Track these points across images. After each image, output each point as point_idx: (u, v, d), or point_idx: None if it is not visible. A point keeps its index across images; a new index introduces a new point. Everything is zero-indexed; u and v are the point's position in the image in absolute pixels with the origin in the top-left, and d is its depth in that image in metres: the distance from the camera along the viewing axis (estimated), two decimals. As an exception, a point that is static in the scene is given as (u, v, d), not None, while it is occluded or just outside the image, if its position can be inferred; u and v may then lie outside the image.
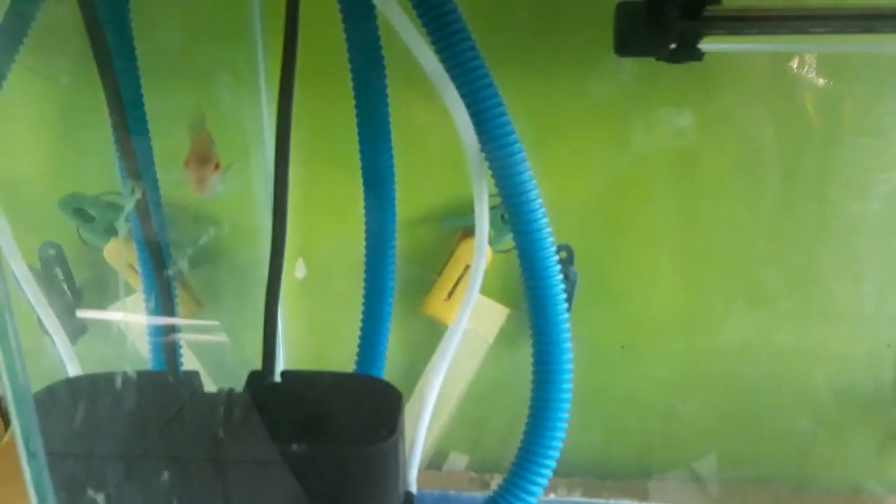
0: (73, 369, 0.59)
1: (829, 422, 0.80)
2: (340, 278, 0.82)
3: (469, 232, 0.81)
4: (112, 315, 0.78)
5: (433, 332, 0.83)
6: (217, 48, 0.72)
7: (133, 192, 0.55)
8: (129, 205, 0.56)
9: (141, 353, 0.76)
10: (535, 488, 0.58)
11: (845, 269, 0.77)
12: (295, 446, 0.50)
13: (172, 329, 0.67)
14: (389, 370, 0.79)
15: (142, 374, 0.55)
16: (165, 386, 0.55)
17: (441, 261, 0.83)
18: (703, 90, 0.74)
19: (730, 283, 0.80)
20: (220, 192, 0.56)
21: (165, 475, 0.49)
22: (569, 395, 0.58)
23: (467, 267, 0.80)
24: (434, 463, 0.88)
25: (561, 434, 0.57)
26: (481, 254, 0.62)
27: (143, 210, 0.62)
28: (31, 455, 0.36)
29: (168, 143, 0.67)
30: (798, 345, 0.79)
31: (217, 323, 0.85)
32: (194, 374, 0.55)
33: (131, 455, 0.50)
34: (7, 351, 0.35)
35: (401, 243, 0.82)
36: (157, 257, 0.67)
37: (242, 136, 0.73)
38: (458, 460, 0.88)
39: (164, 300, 0.67)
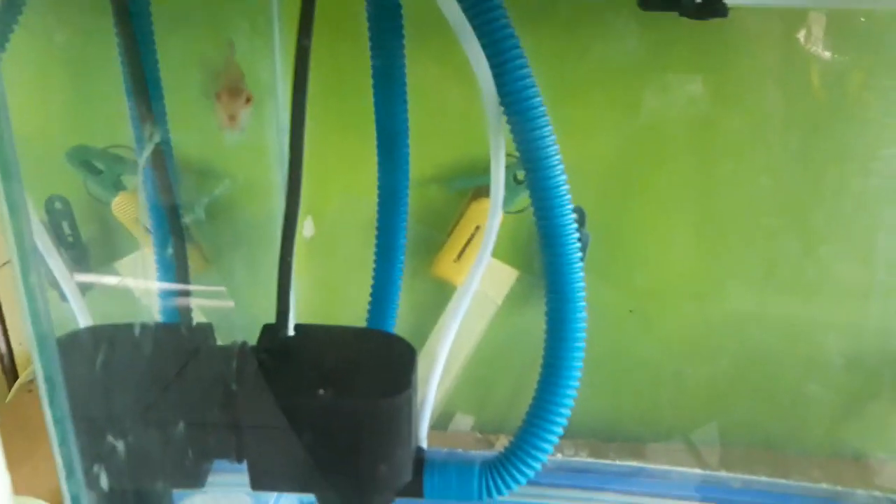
0: (84, 323, 0.58)
1: (836, 388, 0.81)
2: (350, 237, 0.81)
3: (479, 192, 0.81)
4: (122, 273, 0.78)
5: (442, 293, 0.83)
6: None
7: (151, 137, 0.54)
8: (146, 152, 0.55)
9: (148, 309, 0.75)
10: (545, 445, 0.59)
11: (859, 240, 0.77)
12: (309, 398, 0.50)
13: (185, 283, 0.67)
14: (398, 330, 0.79)
15: (158, 325, 0.55)
16: (180, 337, 0.55)
17: (451, 221, 0.82)
18: (719, 55, 0.73)
19: (743, 251, 0.79)
20: (245, 127, 0.55)
21: (181, 425, 0.49)
22: (581, 354, 0.58)
23: (478, 228, 0.79)
24: (440, 423, 0.89)
25: (573, 392, 0.57)
26: (496, 213, 0.62)
27: (157, 158, 0.61)
28: (53, 402, 0.36)
29: (180, 94, 0.66)
30: (809, 313, 0.79)
31: (222, 287, 0.84)
32: (208, 326, 0.55)
33: (149, 403, 0.50)
34: (32, 298, 0.35)
35: (411, 203, 0.81)
36: (169, 210, 0.67)
37: (256, 87, 0.71)
38: (463, 421, 0.88)
39: (177, 255, 0.67)
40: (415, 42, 0.65)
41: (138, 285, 0.78)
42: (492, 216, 0.61)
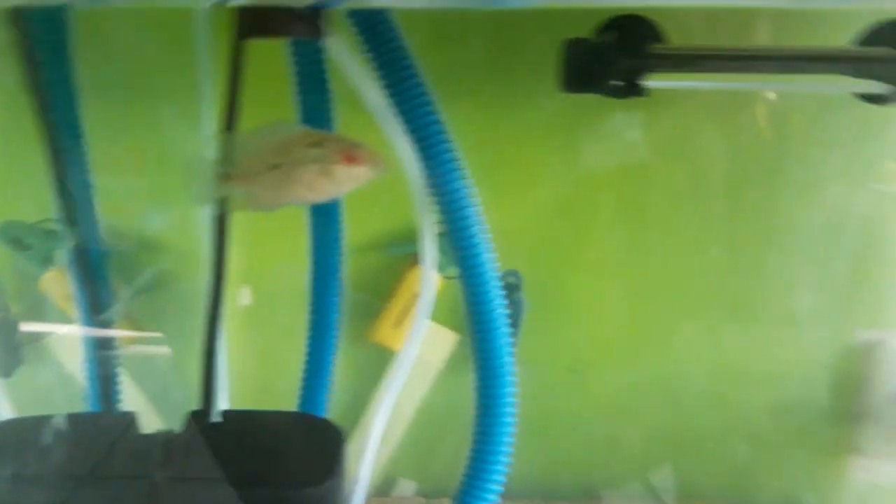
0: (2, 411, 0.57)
1: (766, 442, 0.82)
2: (287, 305, 0.81)
3: (418, 259, 0.81)
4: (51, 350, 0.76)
5: (382, 360, 0.83)
6: (161, 72, 0.71)
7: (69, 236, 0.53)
8: (65, 249, 0.54)
9: (79, 384, 0.74)
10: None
11: (785, 294, 0.79)
12: (234, 488, 0.49)
13: (110, 363, 0.65)
14: (337, 398, 0.79)
15: (79, 417, 0.53)
16: (101, 429, 0.54)
17: (390, 288, 0.82)
18: (650, 113, 0.75)
19: (674, 307, 0.81)
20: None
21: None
22: (511, 429, 0.58)
23: (416, 294, 0.80)
24: (382, 490, 0.88)
25: (503, 467, 0.58)
26: (429, 284, 0.63)
27: (82, 247, 0.60)
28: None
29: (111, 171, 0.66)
30: (738, 367, 0.81)
31: (166, 349, 0.83)
32: (131, 416, 0.54)
33: (66, 500, 0.49)
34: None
35: (349, 270, 0.82)
36: (95, 289, 0.66)
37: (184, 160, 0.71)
38: (406, 487, 0.88)
39: (101, 332, 0.66)
40: (349, 108, 0.65)
41: (67, 362, 0.76)
42: (425, 288, 0.62)
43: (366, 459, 0.61)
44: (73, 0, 0.58)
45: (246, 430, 0.54)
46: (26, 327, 0.78)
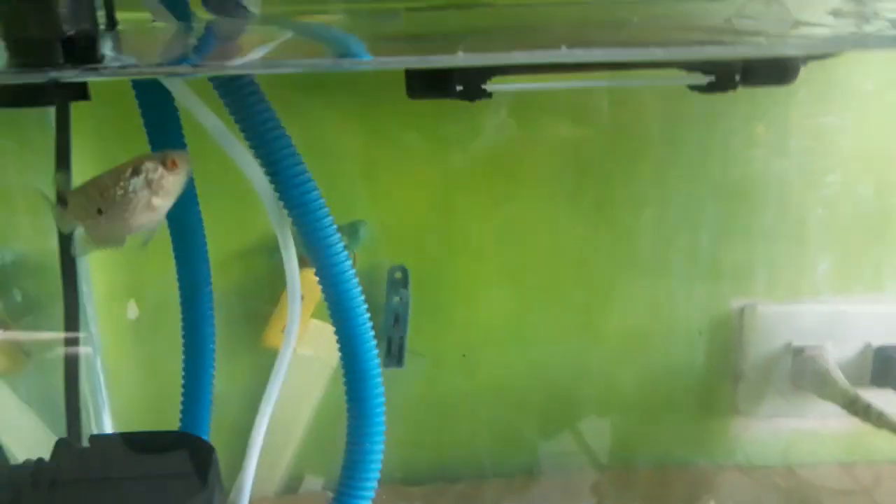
0: None
1: (651, 406, 0.87)
2: (171, 317, 0.81)
3: (305, 262, 0.82)
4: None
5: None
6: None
7: None
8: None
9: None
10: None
11: (654, 266, 0.83)
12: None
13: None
14: (233, 404, 0.80)
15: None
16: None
17: (278, 292, 0.83)
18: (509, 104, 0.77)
19: (548, 290, 0.84)
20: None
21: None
22: (381, 437, 0.60)
23: (302, 297, 0.81)
24: (291, 487, 0.90)
25: (375, 474, 0.60)
26: (294, 299, 0.64)
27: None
28: None
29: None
30: (618, 340, 0.85)
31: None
32: (-4, 449, 0.54)
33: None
34: None
35: (235, 274, 0.83)
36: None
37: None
38: (313, 483, 0.89)
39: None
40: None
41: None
42: (291, 303, 0.63)
43: (247, 467, 0.62)
44: None
45: (114, 453, 0.55)
46: None
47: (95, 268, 0.80)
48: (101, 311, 0.83)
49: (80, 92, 0.55)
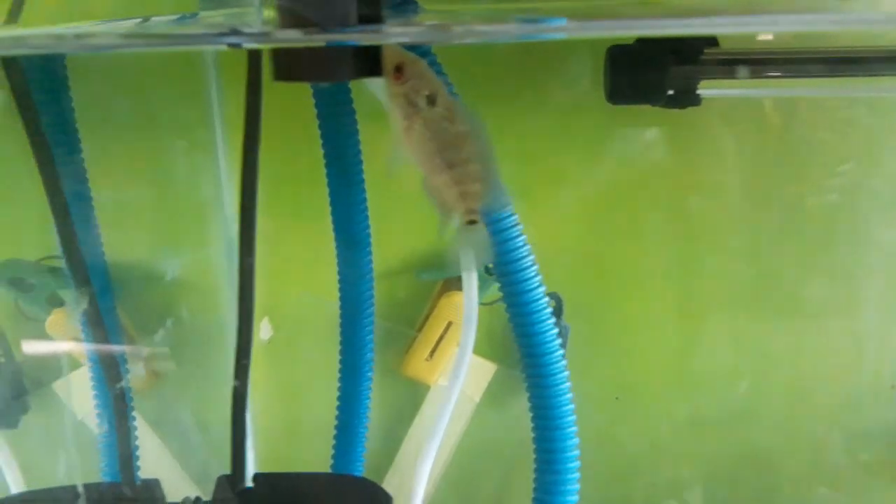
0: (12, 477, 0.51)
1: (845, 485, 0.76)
2: (310, 338, 0.76)
3: (449, 285, 0.75)
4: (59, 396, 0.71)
5: (414, 394, 0.77)
6: (171, 112, 0.65)
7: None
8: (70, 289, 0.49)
9: (91, 432, 0.68)
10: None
11: (848, 317, 0.74)
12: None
13: (125, 414, 0.60)
14: (371, 437, 0.73)
15: (99, 487, 0.48)
16: (124, 497, 0.48)
17: (419, 315, 0.77)
18: (691, 134, 0.70)
19: (720, 329, 0.75)
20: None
21: None
22: (575, 443, 0.54)
23: (450, 324, 0.74)
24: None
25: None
26: (471, 315, 0.58)
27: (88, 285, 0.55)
28: None
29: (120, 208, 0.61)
30: (806, 404, 0.75)
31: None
32: (154, 483, 0.48)
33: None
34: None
35: (376, 297, 0.76)
36: (104, 330, 0.60)
37: (199, 200, 0.66)
38: (445, 527, 0.82)
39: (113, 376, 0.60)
40: (376, 124, 0.60)
41: (77, 408, 0.71)
42: (466, 325, 0.57)
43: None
44: (81, 48, 0.53)
45: (282, 495, 0.48)
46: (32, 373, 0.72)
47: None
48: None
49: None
